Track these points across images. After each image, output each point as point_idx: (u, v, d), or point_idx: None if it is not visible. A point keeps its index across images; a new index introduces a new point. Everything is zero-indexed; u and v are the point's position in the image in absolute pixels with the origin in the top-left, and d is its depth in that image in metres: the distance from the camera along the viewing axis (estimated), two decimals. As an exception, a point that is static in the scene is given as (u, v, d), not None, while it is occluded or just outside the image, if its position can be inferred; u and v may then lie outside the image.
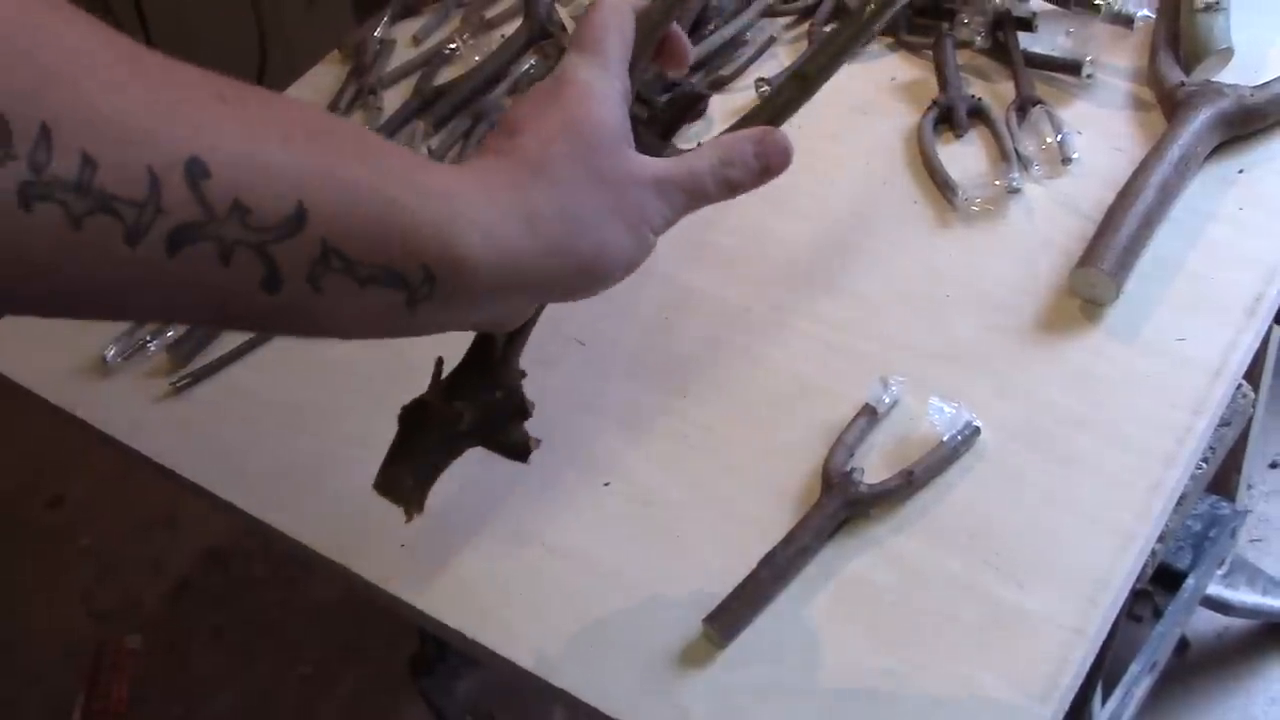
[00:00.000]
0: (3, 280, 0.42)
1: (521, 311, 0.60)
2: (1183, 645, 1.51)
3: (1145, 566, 0.70)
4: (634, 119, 0.60)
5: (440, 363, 0.64)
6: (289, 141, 0.48)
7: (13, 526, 1.96)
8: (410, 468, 0.62)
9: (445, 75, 1.06)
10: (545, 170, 0.55)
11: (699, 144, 0.60)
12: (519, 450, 0.65)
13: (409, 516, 0.62)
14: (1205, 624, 1.54)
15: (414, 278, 0.51)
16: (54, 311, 0.46)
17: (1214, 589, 1.40)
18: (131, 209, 0.42)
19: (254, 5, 1.80)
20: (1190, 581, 1.24)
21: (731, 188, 0.60)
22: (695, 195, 0.59)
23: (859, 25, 0.63)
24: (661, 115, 0.65)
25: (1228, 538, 1.26)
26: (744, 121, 0.63)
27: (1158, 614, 1.32)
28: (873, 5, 0.62)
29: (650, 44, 0.63)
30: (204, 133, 0.44)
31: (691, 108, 0.65)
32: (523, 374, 0.65)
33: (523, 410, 0.64)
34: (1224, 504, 1.25)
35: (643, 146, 0.59)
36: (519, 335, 0.64)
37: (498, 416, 0.64)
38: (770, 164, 0.60)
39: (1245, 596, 1.45)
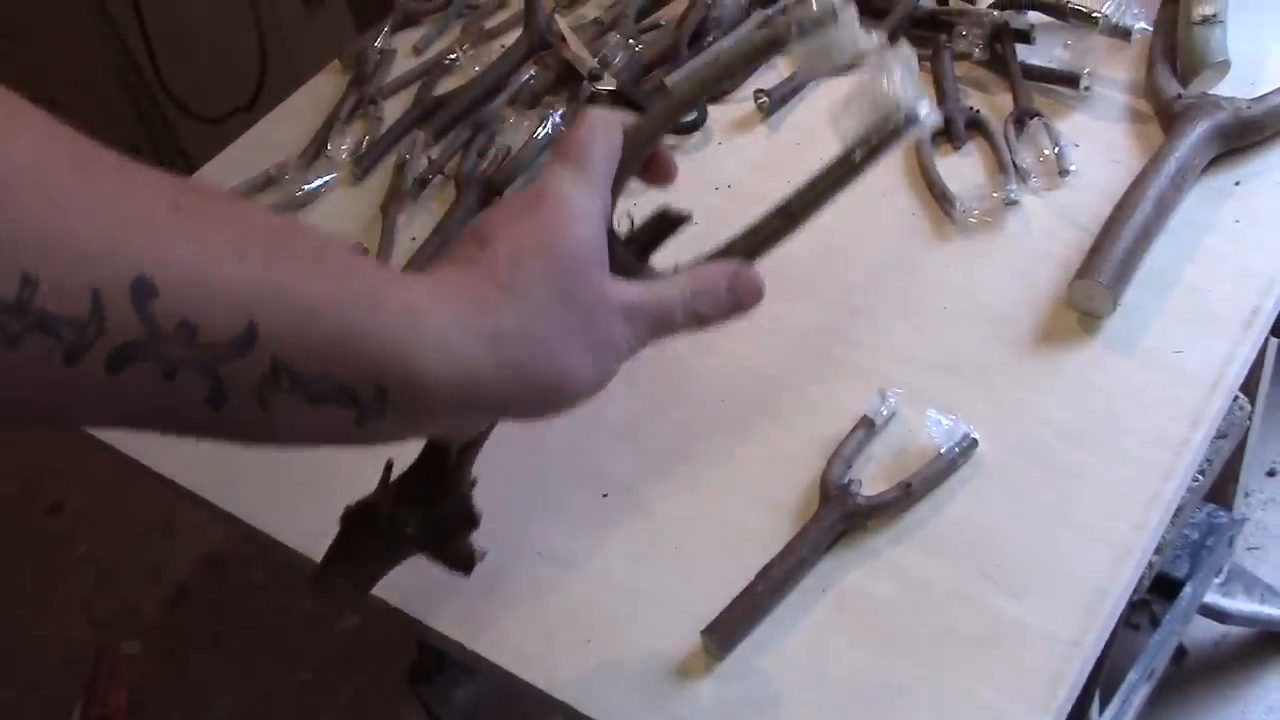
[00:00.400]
0: None
1: (479, 426, 0.60)
2: (1180, 653, 1.51)
3: (1143, 577, 0.71)
4: (612, 236, 0.59)
5: (390, 466, 0.63)
6: (244, 257, 0.46)
7: (12, 533, 1.96)
8: (348, 572, 0.61)
9: (445, 85, 1.07)
10: (514, 289, 0.53)
11: (675, 267, 0.60)
12: (463, 562, 0.63)
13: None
14: (1203, 632, 1.54)
15: (365, 395, 0.49)
16: None
17: (1211, 597, 1.40)
18: (72, 328, 0.41)
19: (254, 14, 1.80)
20: (1188, 590, 1.24)
21: (701, 321, 0.59)
22: (663, 326, 0.58)
23: (848, 168, 0.61)
24: (640, 235, 0.63)
25: (1225, 546, 1.27)
26: (723, 251, 0.62)
27: (1155, 622, 1.32)
28: (862, 150, 0.60)
29: (637, 160, 0.62)
30: (153, 250, 0.43)
31: (672, 230, 0.64)
32: (473, 482, 0.63)
33: (471, 520, 0.63)
34: (1221, 512, 1.25)
35: (618, 265, 0.58)
36: (473, 444, 0.63)
37: (445, 526, 0.62)
38: (742, 301, 0.60)
39: (1242, 605, 1.45)
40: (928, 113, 0.59)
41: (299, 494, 0.78)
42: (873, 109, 0.60)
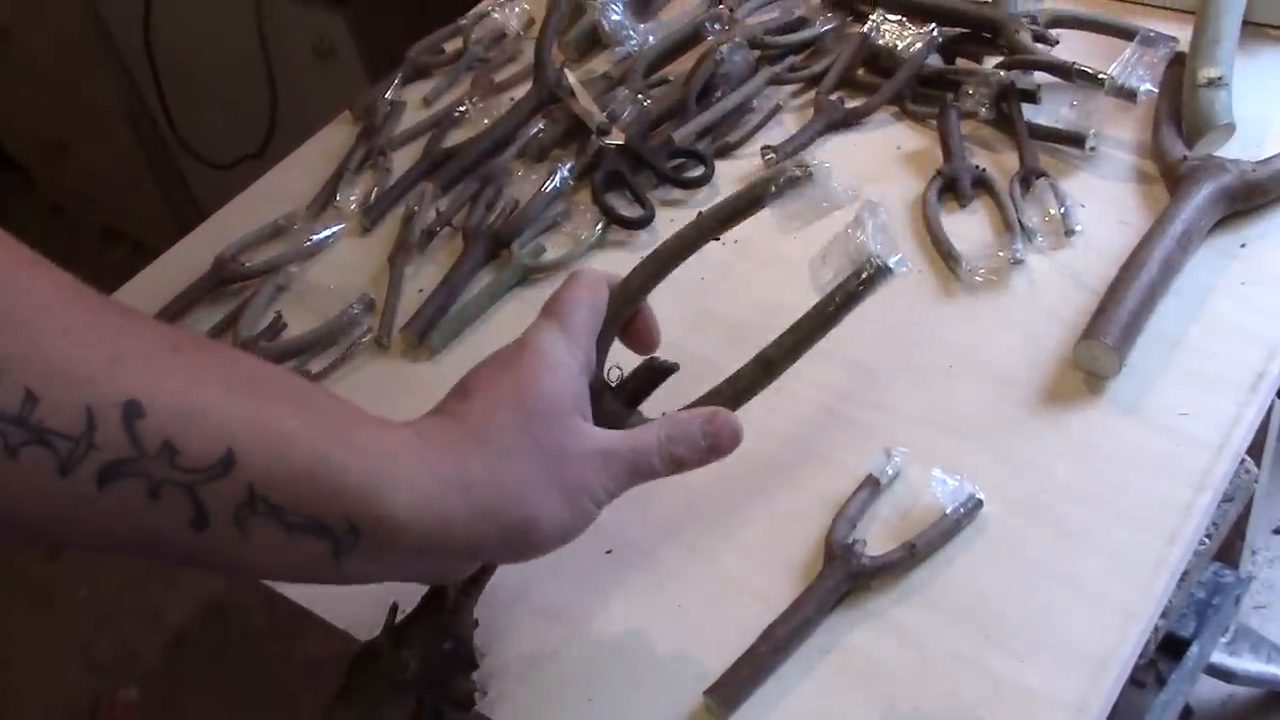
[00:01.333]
0: None
1: (460, 569, 0.61)
2: (1186, 713, 1.50)
3: (1149, 640, 0.70)
4: (600, 384, 0.62)
5: (394, 609, 0.65)
6: (231, 391, 0.50)
7: (11, 578, 1.95)
8: (354, 714, 0.63)
9: (455, 137, 1.07)
10: (487, 438, 0.56)
11: (663, 415, 0.63)
12: (463, 701, 0.65)
13: None
14: (1209, 691, 1.53)
15: (338, 529, 0.52)
16: None
17: (1218, 657, 1.39)
18: (66, 443, 0.45)
19: (265, 61, 1.82)
20: (1194, 650, 1.23)
21: (678, 464, 0.62)
22: (640, 471, 0.61)
23: (825, 317, 0.64)
24: (628, 384, 0.66)
25: (1231, 605, 1.26)
26: (705, 399, 0.65)
27: (1161, 681, 1.31)
28: (839, 299, 0.63)
29: (624, 315, 0.65)
30: (146, 378, 0.47)
31: (659, 381, 0.67)
32: (475, 624, 0.66)
33: (471, 662, 0.65)
34: (1227, 571, 1.25)
35: (606, 413, 0.61)
36: (473, 585, 0.65)
37: (445, 667, 0.64)
38: (719, 443, 0.63)
39: (1249, 665, 1.44)
40: (899, 262, 0.63)
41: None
42: (849, 260, 0.63)
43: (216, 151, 2.06)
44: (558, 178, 0.99)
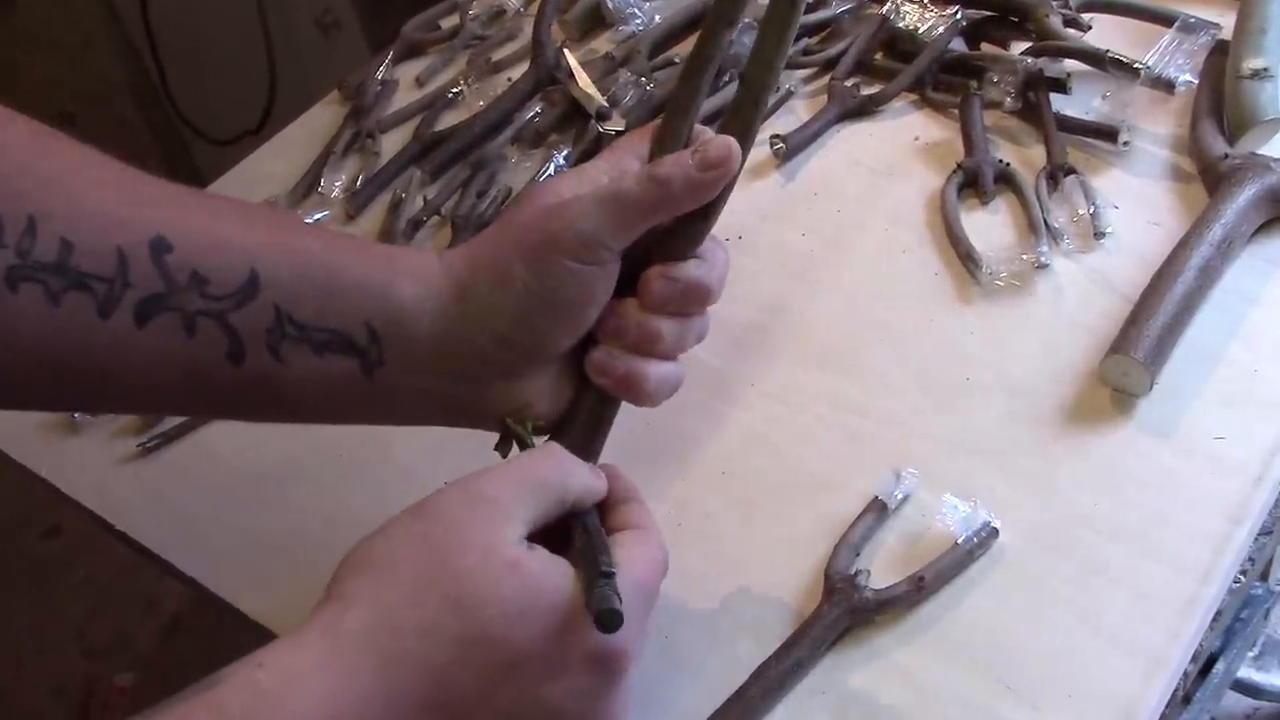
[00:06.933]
0: None
1: (481, 393, 0.59)
2: (1210, 729, 1.45)
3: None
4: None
5: None
6: (252, 225, 0.54)
7: (7, 558, 1.93)
8: None
9: (447, 120, 1.02)
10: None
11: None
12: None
13: None
14: (1233, 704, 1.48)
15: (361, 339, 0.54)
16: (41, 396, 0.53)
17: (1245, 672, 1.34)
18: (103, 284, 0.49)
19: (265, 36, 1.77)
20: (1220, 666, 1.17)
21: (662, 185, 0.56)
22: (623, 204, 0.55)
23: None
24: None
25: (1261, 619, 1.20)
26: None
27: (1186, 698, 1.25)
28: None
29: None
30: (170, 216, 0.51)
31: None
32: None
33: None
34: (1258, 584, 1.19)
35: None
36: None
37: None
38: (707, 157, 0.56)
39: (1277, 680, 1.39)
40: None
41: (268, 562, 0.74)
42: None
43: (217, 127, 2.02)
44: (554, 165, 0.93)
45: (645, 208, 0.55)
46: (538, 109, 0.99)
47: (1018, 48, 0.96)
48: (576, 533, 0.55)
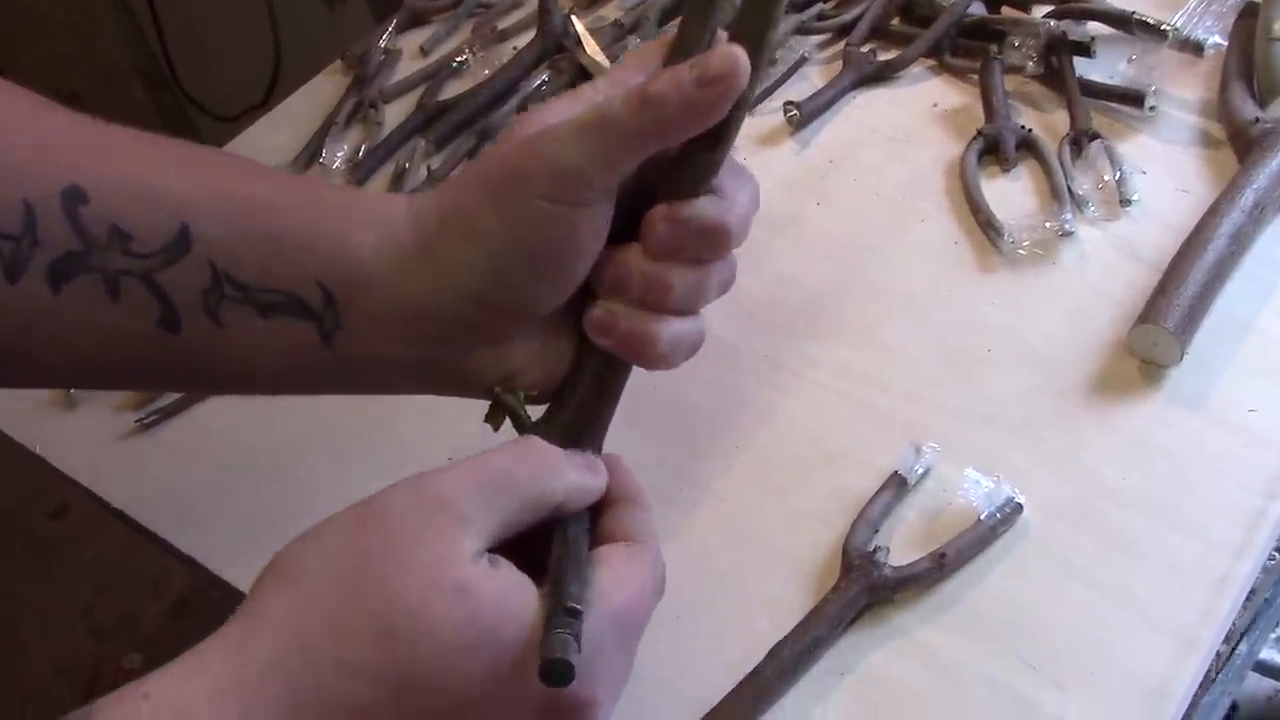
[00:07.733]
0: None
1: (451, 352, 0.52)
2: (1232, 709, 1.43)
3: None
4: None
5: None
6: (185, 170, 0.46)
7: (15, 537, 1.92)
8: None
9: (452, 89, 0.99)
10: None
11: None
12: None
13: None
14: (1254, 685, 1.45)
15: (314, 301, 0.48)
16: None
17: (1267, 653, 1.32)
18: (8, 243, 0.42)
19: (269, 9, 1.75)
20: (1243, 647, 1.15)
21: (653, 106, 0.45)
22: (606, 128, 0.46)
23: None
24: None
25: (1285, 599, 1.18)
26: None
27: (1208, 680, 1.23)
28: None
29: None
30: (86, 162, 0.44)
31: None
32: None
33: None
34: (1281, 562, 1.17)
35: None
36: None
37: None
38: (708, 71, 0.45)
39: (1300, 661, 1.37)
40: None
41: (266, 541, 0.71)
42: None
43: (222, 103, 2.00)
44: (561, 134, 0.90)
45: (634, 135, 0.46)
46: (544, 77, 0.97)
47: (1039, 10, 0.93)
48: (555, 543, 0.48)
